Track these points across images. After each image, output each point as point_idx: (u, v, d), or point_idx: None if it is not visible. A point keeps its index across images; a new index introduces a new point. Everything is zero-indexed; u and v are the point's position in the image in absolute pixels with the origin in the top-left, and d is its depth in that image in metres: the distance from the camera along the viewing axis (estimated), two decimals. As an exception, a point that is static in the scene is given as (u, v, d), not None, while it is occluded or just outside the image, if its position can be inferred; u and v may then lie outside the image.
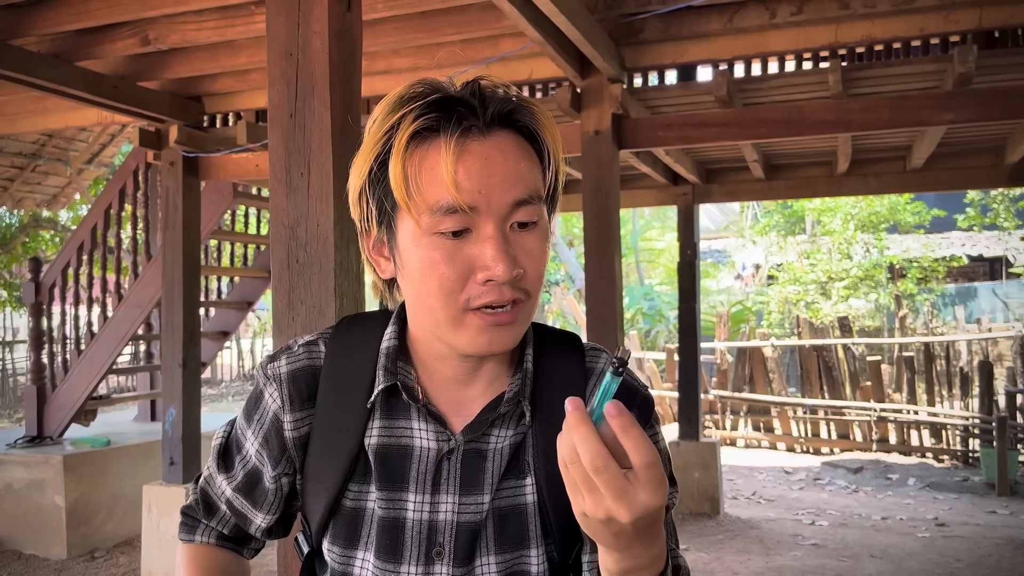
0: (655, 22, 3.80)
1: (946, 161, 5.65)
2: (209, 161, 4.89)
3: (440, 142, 0.81)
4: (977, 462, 7.75)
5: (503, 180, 0.81)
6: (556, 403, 0.87)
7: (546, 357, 0.93)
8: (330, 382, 0.92)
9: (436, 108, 0.82)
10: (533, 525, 0.88)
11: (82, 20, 3.58)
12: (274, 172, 1.87)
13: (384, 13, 3.41)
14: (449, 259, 0.81)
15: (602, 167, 3.97)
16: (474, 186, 0.80)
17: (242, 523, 1.01)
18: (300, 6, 1.85)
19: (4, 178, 7.28)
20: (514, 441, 0.89)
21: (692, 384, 6.59)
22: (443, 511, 0.88)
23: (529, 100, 0.86)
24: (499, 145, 0.83)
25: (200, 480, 1.05)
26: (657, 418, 0.95)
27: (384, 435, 0.89)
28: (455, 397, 0.91)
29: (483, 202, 0.81)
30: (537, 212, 0.84)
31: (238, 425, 0.99)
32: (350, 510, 0.90)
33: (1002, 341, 10.05)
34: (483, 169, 0.81)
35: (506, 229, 0.82)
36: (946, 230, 15.14)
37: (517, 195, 0.82)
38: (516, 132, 0.85)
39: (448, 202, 0.80)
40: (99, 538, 5.49)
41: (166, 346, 4.89)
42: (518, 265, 0.82)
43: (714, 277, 16.78)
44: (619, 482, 0.68)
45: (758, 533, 5.77)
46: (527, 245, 0.84)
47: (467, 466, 0.88)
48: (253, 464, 0.97)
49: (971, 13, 3.52)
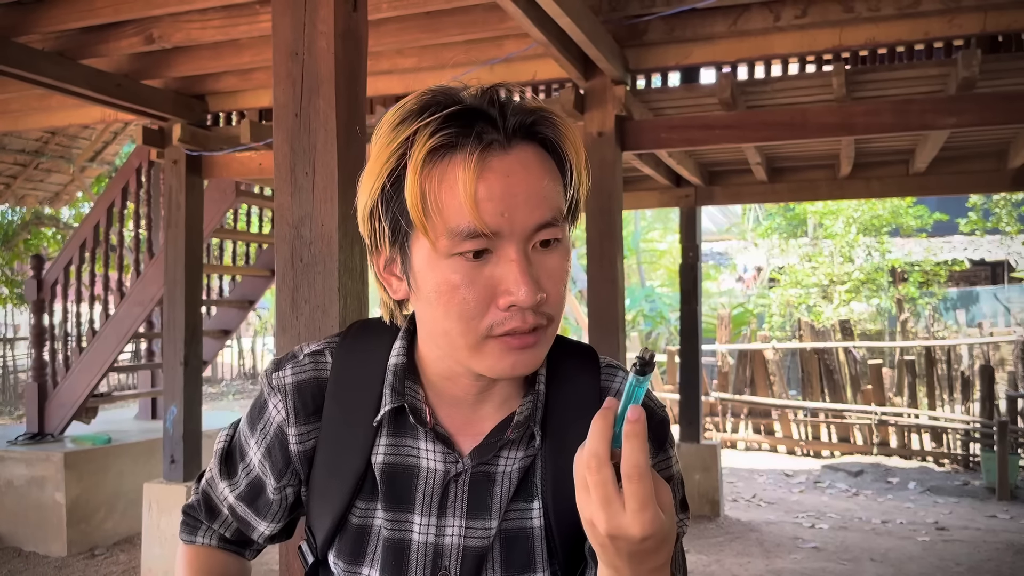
0: (659, 24, 3.80)
1: (949, 165, 5.65)
2: (212, 160, 4.89)
3: (459, 159, 0.76)
4: (978, 466, 7.75)
5: (527, 200, 0.77)
6: (567, 427, 0.86)
7: (559, 376, 0.90)
8: (337, 397, 0.90)
9: (453, 121, 0.77)
10: (540, 549, 0.85)
11: (87, 18, 3.58)
12: (279, 171, 1.87)
13: (388, 13, 3.42)
14: (469, 282, 0.77)
15: (605, 168, 3.97)
16: (496, 208, 0.76)
17: (245, 529, 0.99)
18: (306, 6, 1.85)
19: (7, 175, 7.29)
20: (524, 464, 0.86)
21: (693, 386, 6.60)
22: (449, 535, 0.85)
23: (551, 111, 0.82)
24: (522, 160, 0.78)
25: (202, 480, 1.03)
26: (673, 441, 0.92)
27: (390, 453, 0.87)
28: (464, 417, 0.88)
29: (506, 225, 0.76)
30: (560, 231, 0.80)
31: (241, 431, 0.97)
32: (356, 527, 0.88)
33: (1003, 345, 10.04)
34: (506, 188, 0.76)
35: (528, 250, 0.78)
36: (948, 234, 15.13)
37: (541, 217, 0.78)
38: (538, 145, 0.80)
39: (469, 226, 0.75)
40: (99, 536, 5.49)
41: (168, 344, 4.89)
42: (541, 289, 0.78)
43: (715, 279, 16.77)
44: (607, 488, 0.67)
45: (758, 536, 5.77)
46: (549, 265, 0.80)
47: (475, 490, 0.86)
48: (256, 474, 0.95)
49: (975, 17, 3.52)
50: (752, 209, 16.99)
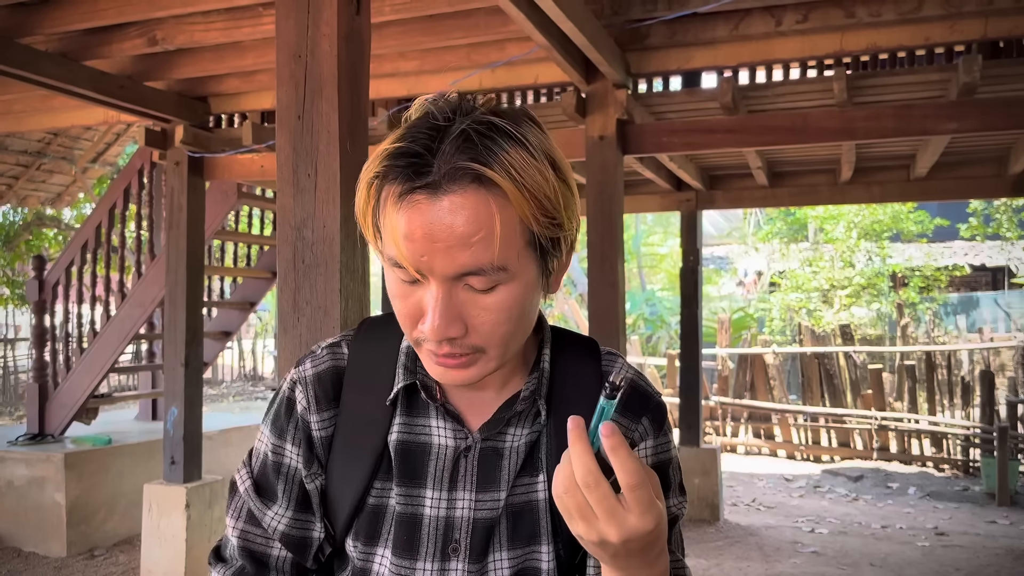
0: (661, 28, 3.81)
1: (949, 170, 5.66)
2: (214, 161, 4.90)
3: (390, 191, 0.77)
4: (978, 472, 7.75)
5: (447, 250, 0.75)
6: (571, 402, 0.90)
7: (563, 358, 0.94)
8: (354, 382, 0.93)
9: (396, 155, 0.76)
10: (544, 522, 0.89)
11: (91, 20, 3.59)
12: (281, 173, 1.88)
13: (391, 16, 3.43)
14: (404, 296, 0.81)
15: (606, 172, 3.98)
16: (418, 252, 0.76)
17: (300, 549, 0.93)
18: (309, 8, 1.86)
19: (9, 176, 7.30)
20: (530, 439, 0.90)
21: (693, 390, 6.60)
22: (460, 508, 0.88)
23: (500, 151, 0.75)
24: (452, 206, 0.74)
25: (229, 549, 0.95)
26: (670, 426, 0.95)
27: (404, 431, 0.90)
28: (470, 398, 0.92)
29: (425, 268, 0.77)
30: (492, 281, 0.78)
31: (266, 448, 0.94)
32: (373, 507, 0.90)
33: (1004, 351, 10.05)
34: (426, 234, 0.75)
35: (451, 288, 0.78)
36: (949, 239, 15.14)
37: (461, 267, 0.76)
38: (482, 186, 0.75)
39: (395, 257, 0.78)
40: (99, 536, 5.49)
41: (168, 345, 4.90)
42: (459, 326, 0.79)
43: (716, 283, 16.76)
44: (609, 501, 0.70)
45: (758, 540, 5.77)
46: (484, 303, 0.79)
47: (484, 464, 0.89)
48: (299, 474, 0.93)
49: (976, 23, 3.53)
50: (753, 213, 16.99)
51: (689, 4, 3.52)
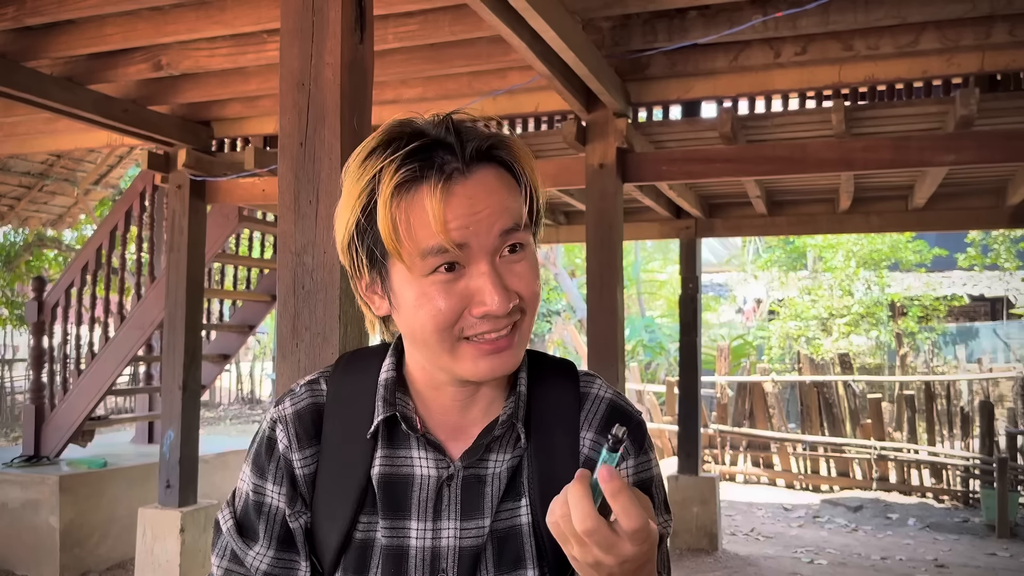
0: (661, 59, 3.85)
1: (948, 201, 5.68)
2: (216, 185, 4.93)
3: (425, 190, 0.82)
4: (977, 503, 7.70)
5: (489, 215, 0.84)
6: (550, 425, 0.92)
7: (540, 381, 0.96)
8: (334, 418, 0.93)
9: (416, 155, 0.83)
10: (529, 546, 0.90)
11: (96, 44, 3.63)
12: (283, 199, 1.89)
13: (394, 44, 3.46)
14: (445, 295, 0.83)
15: (606, 200, 4.00)
16: (463, 224, 0.82)
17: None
18: (314, 37, 1.88)
19: (11, 197, 7.33)
20: (511, 464, 0.91)
21: (692, 418, 6.57)
22: (445, 536, 0.89)
23: (502, 135, 0.89)
24: (482, 181, 0.85)
25: None
26: (651, 443, 0.97)
27: (387, 464, 0.91)
28: (453, 424, 0.93)
29: (473, 238, 0.83)
30: (524, 237, 0.87)
31: (248, 489, 0.95)
32: (360, 542, 0.90)
33: (1003, 382, 10.02)
34: (469, 208, 0.83)
35: (497, 261, 0.85)
36: (947, 269, 15.16)
37: (504, 225, 0.84)
38: (496, 164, 0.87)
39: (439, 244, 0.82)
40: (93, 560, 5.45)
41: (167, 368, 4.89)
42: (512, 295, 0.85)
43: (715, 311, 16.77)
44: (609, 539, 0.73)
45: (756, 570, 5.72)
46: (518, 270, 0.86)
47: (467, 491, 0.90)
48: (282, 512, 0.93)
49: (973, 56, 3.56)
50: (752, 241, 17.05)
51: (689, 35, 3.56)
